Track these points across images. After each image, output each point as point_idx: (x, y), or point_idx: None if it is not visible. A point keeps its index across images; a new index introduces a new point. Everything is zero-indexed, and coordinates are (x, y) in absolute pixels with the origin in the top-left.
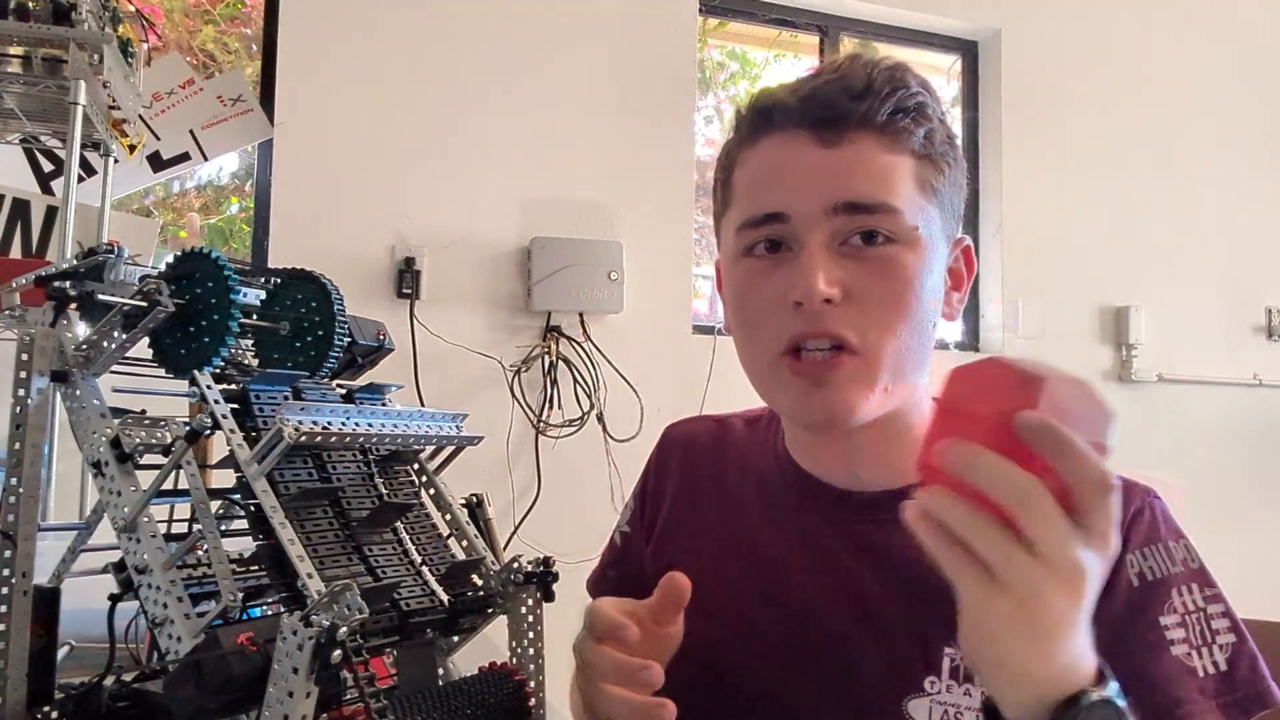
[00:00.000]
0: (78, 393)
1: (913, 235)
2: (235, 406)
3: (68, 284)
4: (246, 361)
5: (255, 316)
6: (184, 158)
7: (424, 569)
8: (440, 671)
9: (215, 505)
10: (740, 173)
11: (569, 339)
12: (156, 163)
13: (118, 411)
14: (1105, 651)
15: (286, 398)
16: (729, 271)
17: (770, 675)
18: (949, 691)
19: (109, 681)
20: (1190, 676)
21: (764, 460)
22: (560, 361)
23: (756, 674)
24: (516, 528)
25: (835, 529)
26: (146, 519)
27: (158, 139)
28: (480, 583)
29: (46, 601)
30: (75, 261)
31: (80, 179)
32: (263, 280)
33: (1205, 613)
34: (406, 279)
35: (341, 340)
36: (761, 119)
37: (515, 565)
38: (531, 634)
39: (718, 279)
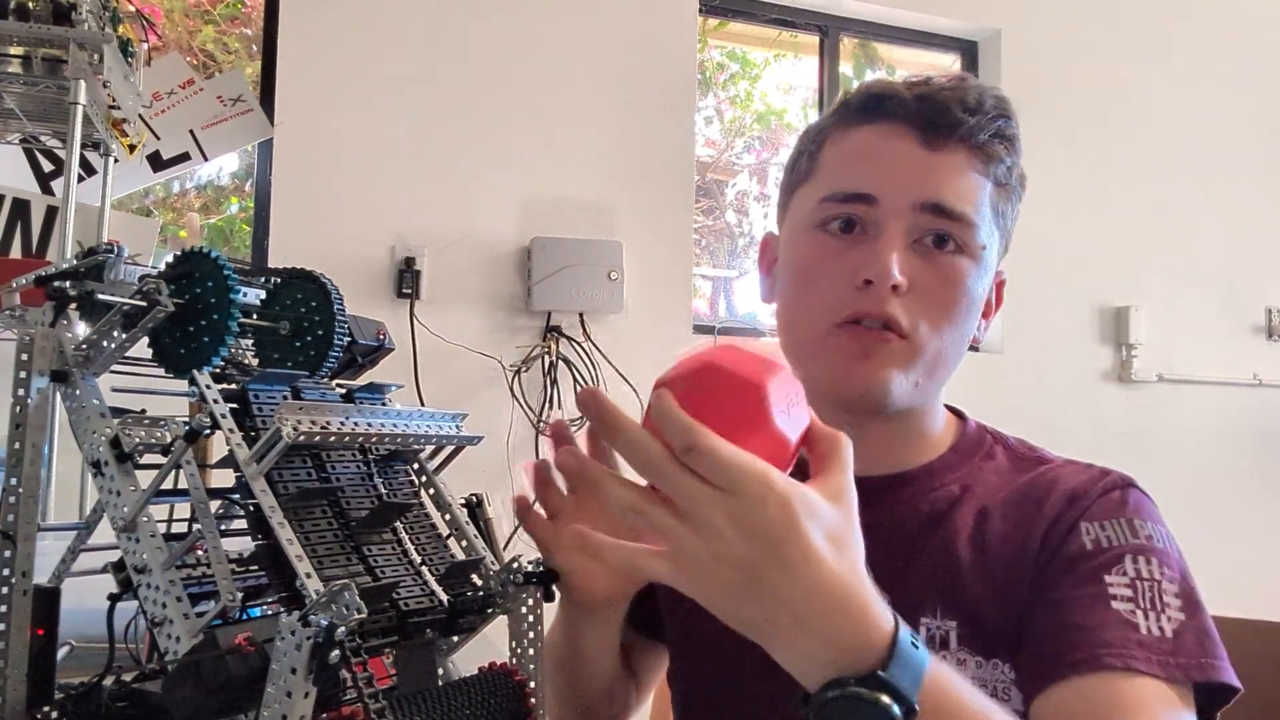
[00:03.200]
0: (77, 392)
1: (979, 251)
2: (235, 406)
3: (68, 284)
4: (246, 361)
5: (255, 316)
6: (184, 158)
7: (423, 569)
8: (440, 671)
9: (215, 505)
10: (832, 149)
11: (569, 339)
12: (156, 163)
13: (118, 411)
14: (1043, 605)
15: (286, 397)
16: (795, 240)
17: (745, 641)
18: None
19: (109, 681)
20: (1130, 630)
21: None
22: (560, 361)
23: (733, 639)
24: (516, 528)
25: None
26: (146, 519)
27: (158, 139)
28: (480, 583)
29: (46, 601)
30: (75, 261)
31: (80, 179)
32: (263, 280)
33: (1158, 584)
34: (406, 279)
35: (341, 340)
36: (874, 103)
37: (515, 565)
38: (531, 634)
39: (763, 249)
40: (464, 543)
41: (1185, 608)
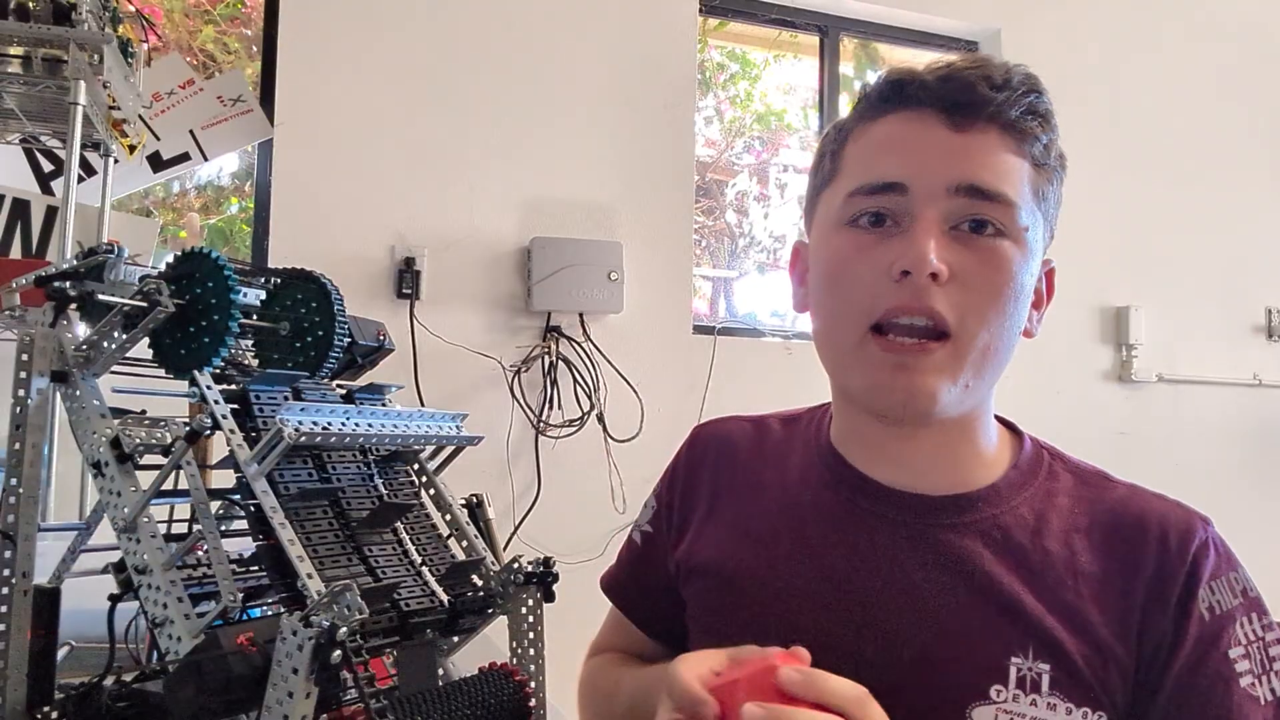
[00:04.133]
0: (78, 393)
1: (1022, 235)
2: (235, 407)
3: (68, 284)
4: (246, 361)
5: (255, 316)
6: (184, 158)
7: (424, 569)
8: (440, 671)
9: (215, 505)
10: (855, 145)
11: (569, 339)
12: (156, 163)
13: (118, 411)
14: (1179, 689)
15: (286, 398)
16: (824, 241)
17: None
18: (1015, 701)
19: (109, 681)
20: (1254, 706)
21: (808, 458)
22: (560, 361)
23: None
24: (516, 528)
25: (893, 529)
26: (146, 519)
27: (158, 139)
28: (480, 583)
29: (46, 601)
30: (75, 262)
31: (80, 179)
32: (263, 280)
33: (1264, 641)
34: (406, 279)
35: (341, 340)
36: (894, 91)
37: (515, 566)
38: (532, 634)
39: (794, 259)
40: (464, 543)
41: None
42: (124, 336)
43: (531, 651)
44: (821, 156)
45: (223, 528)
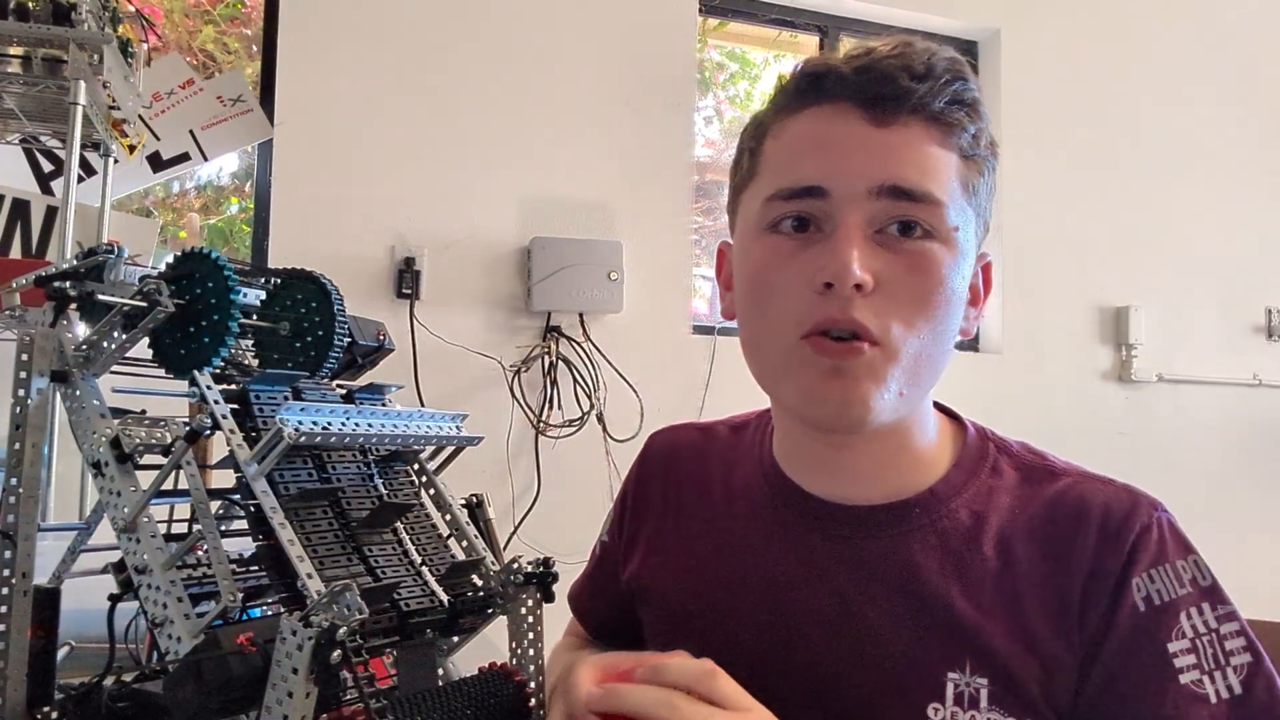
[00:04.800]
0: (77, 393)
1: (951, 235)
2: (235, 407)
3: (68, 284)
4: (246, 361)
5: (255, 316)
6: (184, 158)
7: (424, 569)
8: (440, 672)
9: (215, 505)
10: (774, 142)
11: (569, 339)
12: (156, 163)
13: (118, 411)
14: (1107, 684)
15: (286, 398)
16: (748, 246)
17: (768, 700)
18: (954, 718)
19: (109, 682)
20: (1201, 705)
21: (750, 472)
22: (560, 361)
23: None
24: (516, 528)
25: (830, 545)
26: (146, 519)
27: (158, 139)
28: (480, 583)
29: (46, 602)
30: (75, 262)
31: (80, 179)
32: (263, 280)
33: (1218, 633)
34: (406, 279)
35: (341, 340)
36: (810, 85)
37: (515, 566)
38: (531, 634)
39: (719, 261)
40: (464, 543)
41: (1247, 648)
42: (124, 336)
43: (531, 651)
44: (740, 154)
45: (223, 528)
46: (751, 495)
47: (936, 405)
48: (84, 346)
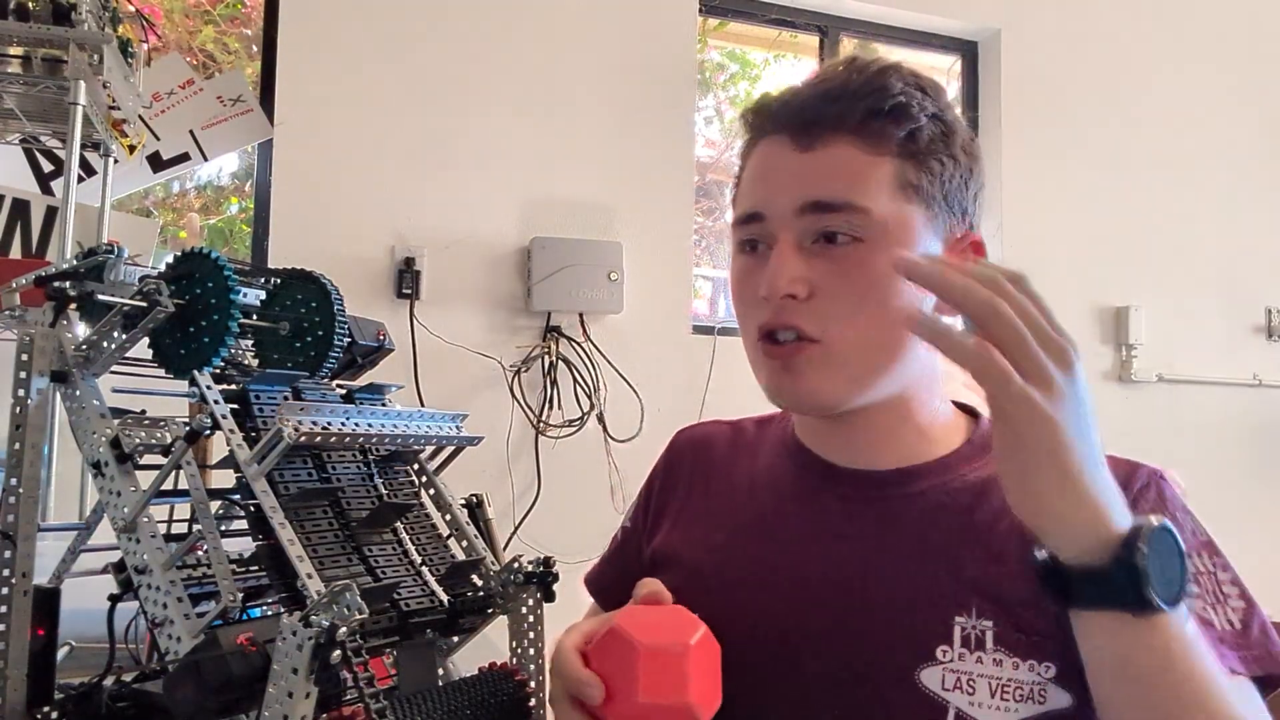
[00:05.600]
0: (77, 393)
1: (884, 232)
2: (235, 406)
3: (68, 284)
4: (246, 361)
5: (255, 316)
6: (184, 158)
7: (424, 569)
8: (440, 671)
9: (215, 505)
10: (742, 174)
11: (569, 339)
12: (156, 163)
13: (118, 411)
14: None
15: (286, 398)
16: (730, 262)
17: (781, 650)
18: (961, 660)
19: (109, 681)
20: (1208, 627)
21: (777, 452)
22: (560, 362)
23: (767, 649)
24: (516, 528)
25: (845, 505)
26: (146, 519)
27: (158, 139)
28: (480, 583)
29: (46, 601)
30: (75, 262)
31: (80, 179)
32: (263, 280)
33: (1215, 577)
34: (406, 279)
35: (341, 340)
36: (755, 121)
37: (515, 565)
38: (532, 634)
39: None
40: (464, 543)
41: (1242, 595)
42: (124, 336)
43: (531, 651)
44: (734, 184)
45: (223, 528)
46: (776, 471)
47: (958, 405)
48: (84, 346)
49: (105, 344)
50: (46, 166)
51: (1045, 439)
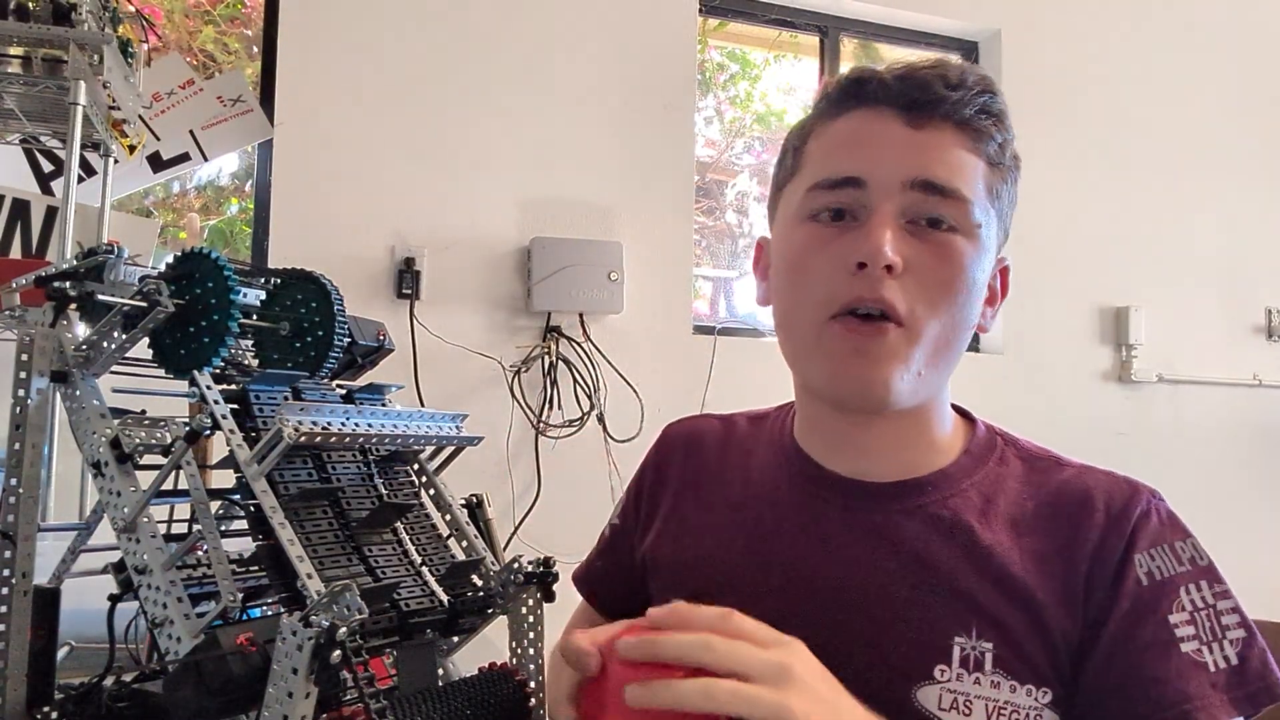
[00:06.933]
0: (77, 393)
1: (975, 231)
2: (235, 407)
3: (68, 284)
4: (246, 361)
5: (255, 316)
6: (184, 158)
7: (424, 569)
8: (440, 672)
9: (215, 505)
10: (816, 142)
11: (569, 339)
12: (156, 163)
13: (118, 411)
14: (1111, 652)
15: (286, 398)
16: (788, 234)
17: None
18: (959, 680)
19: (109, 681)
20: (1201, 672)
21: (772, 453)
22: (560, 362)
23: None
24: (516, 528)
25: (844, 515)
26: (146, 519)
27: (158, 139)
28: (480, 583)
29: (46, 601)
30: (75, 262)
31: (80, 179)
32: (263, 280)
33: (1214, 609)
34: (406, 279)
35: (341, 340)
36: (854, 89)
37: (515, 565)
38: (531, 634)
39: (757, 254)
40: (464, 543)
41: (1242, 624)
42: (124, 336)
43: (531, 651)
44: (784, 153)
45: (223, 528)
46: (770, 475)
47: (953, 406)
48: (84, 346)
49: (105, 344)
50: (46, 166)
51: None
